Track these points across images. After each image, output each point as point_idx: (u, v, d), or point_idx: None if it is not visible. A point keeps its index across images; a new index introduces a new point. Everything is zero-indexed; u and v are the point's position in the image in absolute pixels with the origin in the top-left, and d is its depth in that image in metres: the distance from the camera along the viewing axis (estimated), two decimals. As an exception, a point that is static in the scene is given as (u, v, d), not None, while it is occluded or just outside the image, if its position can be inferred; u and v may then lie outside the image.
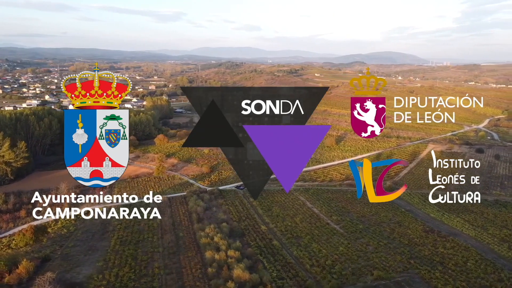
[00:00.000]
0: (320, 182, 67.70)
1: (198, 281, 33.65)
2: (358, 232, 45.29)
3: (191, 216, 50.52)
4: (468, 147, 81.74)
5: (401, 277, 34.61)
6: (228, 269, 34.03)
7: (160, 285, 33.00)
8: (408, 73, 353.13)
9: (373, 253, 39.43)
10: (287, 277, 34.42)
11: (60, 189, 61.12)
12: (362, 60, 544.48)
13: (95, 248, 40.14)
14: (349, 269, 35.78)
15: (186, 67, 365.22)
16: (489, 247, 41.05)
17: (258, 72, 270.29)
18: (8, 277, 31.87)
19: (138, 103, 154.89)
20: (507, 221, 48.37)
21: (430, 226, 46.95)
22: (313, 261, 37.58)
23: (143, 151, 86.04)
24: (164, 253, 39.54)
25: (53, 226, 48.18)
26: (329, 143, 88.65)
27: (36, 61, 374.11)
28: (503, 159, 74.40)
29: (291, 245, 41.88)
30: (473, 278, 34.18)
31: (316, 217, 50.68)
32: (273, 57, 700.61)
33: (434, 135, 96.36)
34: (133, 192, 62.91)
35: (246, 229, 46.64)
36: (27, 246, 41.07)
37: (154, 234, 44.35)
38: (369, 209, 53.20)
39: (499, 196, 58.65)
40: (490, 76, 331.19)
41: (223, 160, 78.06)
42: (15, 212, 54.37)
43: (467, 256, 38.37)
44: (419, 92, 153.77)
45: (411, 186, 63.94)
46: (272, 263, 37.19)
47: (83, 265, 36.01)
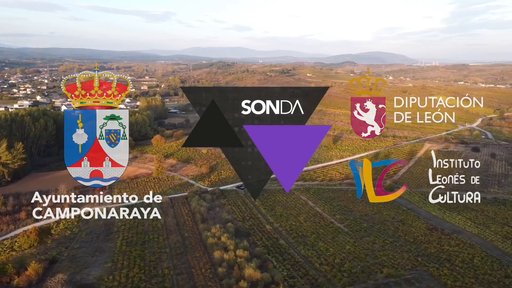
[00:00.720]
0: (320, 181, 68.00)
1: (209, 281, 33.57)
2: (363, 231, 45.59)
3: (195, 216, 50.38)
4: (464, 146, 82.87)
5: (410, 274, 34.95)
6: (239, 268, 34.00)
7: (172, 285, 32.86)
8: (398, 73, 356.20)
9: (380, 251, 39.73)
10: (298, 276, 34.53)
11: (60, 189, 60.53)
12: (352, 60, 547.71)
13: (101, 249, 39.79)
14: (358, 267, 36.02)
15: (177, 67, 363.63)
16: (493, 244, 41.66)
17: (250, 72, 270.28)
18: (17, 279, 31.45)
19: (131, 103, 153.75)
20: (507, 218, 49.11)
21: (433, 224, 47.46)
22: (321, 260, 37.74)
23: (140, 152, 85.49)
24: (172, 254, 39.37)
25: (55, 227, 47.74)
26: (327, 142, 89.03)
27: (25, 61, 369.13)
28: (499, 157, 75.52)
29: (298, 244, 41.99)
30: (481, 275, 34.66)
31: (320, 216, 50.89)
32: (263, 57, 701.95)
33: (429, 134, 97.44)
34: (133, 192, 62.56)
35: (251, 228, 46.65)
36: (32, 248, 40.54)
37: (160, 235, 44.14)
38: (371, 208, 53.59)
39: (497, 194, 59.53)
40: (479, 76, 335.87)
41: (222, 160, 77.99)
42: (14, 214, 53.63)
43: (473, 253, 38.89)
44: (412, 92, 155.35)
45: (411, 185, 64.57)
46: (281, 262, 37.26)
47: (92, 266, 35.68)
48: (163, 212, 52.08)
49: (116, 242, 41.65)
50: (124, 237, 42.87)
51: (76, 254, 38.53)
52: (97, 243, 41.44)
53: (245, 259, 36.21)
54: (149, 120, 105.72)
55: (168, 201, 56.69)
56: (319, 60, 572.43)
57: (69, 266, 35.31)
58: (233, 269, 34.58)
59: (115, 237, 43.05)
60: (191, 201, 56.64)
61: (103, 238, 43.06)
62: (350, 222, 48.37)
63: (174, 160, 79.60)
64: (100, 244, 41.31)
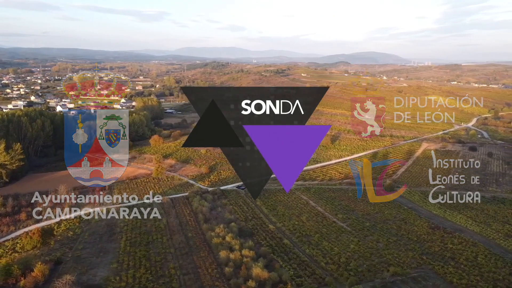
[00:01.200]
0: (319, 181, 68.17)
1: (216, 280, 33.53)
2: (365, 230, 45.80)
3: (198, 217, 50.26)
4: (461, 146, 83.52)
5: (416, 272, 35.19)
6: (246, 268, 33.99)
7: (179, 285, 32.75)
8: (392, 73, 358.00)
9: (384, 250, 39.94)
10: (305, 275, 34.59)
11: (59, 190, 60.06)
12: (346, 60, 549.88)
13: (105, 250, 39.57)
14: (364, 266, 36.18)
15: (171, 67, 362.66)
16: (495, 242, 42.10)
17: (245, 72, 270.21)
18: (23, 281, 31.16)
19: (127, 104, 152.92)
20: (507, 217, 49.66)
21: (435, 223, 47.82)
22: (327, 259, 37.85)
23: (138, 152, 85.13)
24: (176, 254, 39.24)
25: (56, 228, 47.39)
26: (325, 142, 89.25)
27: (17, 61, 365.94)
28: (496, 156, 76.27)
29: (302, 243, 42.06)
30: (486, 273, 35.00)
31: (322, 215, 51.02)
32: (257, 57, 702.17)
33: (426, 134, 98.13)
34: (133, 193, 62.17)
35: (255, 228, 46.65)
36: (35, 249, 40.23)
37: (163, 235, 43.99)
38: (373, 207, 53.88)
39: (495, 193, 60.12)
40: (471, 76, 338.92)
41: (221, 160, 77.87)
42: (14, 215, 53.15)
43: (476, 251, 39.25)
44: (408, 91, 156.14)
45: (410, 184, 65.01)
46: (287, 262, 37.30)
47: (97, 267, 35.46)
48: (165, 213, 51.92)
49: (119, 242, 41.44)
50: (127, 238, 42.67)
51: (81, 255, 38.25)
52: (101, 244, 41.20)
53: (251, 258, 36.24)
54: (146, 120, 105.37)
55: (169, 202, 56.51)
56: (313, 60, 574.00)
57: (74, 267, 35.04)
58: (239, 269, 34.58)
59: (119, 237, 42.85)
60: (193, 201, 56.51)
61: (106, 238, 42.82)
62: (353, 221, 48.58)
63: (173, 161, 79.32)
64: (104, 244, 41.08)
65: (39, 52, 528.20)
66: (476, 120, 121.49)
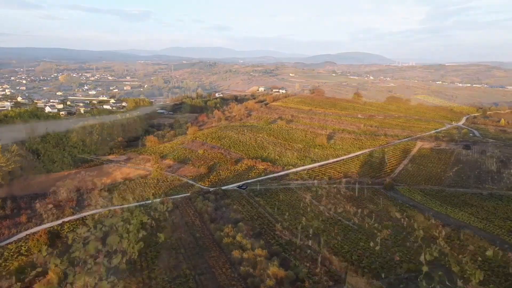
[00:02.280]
0: (319, 180, 68.47)
1: (232, 280, 33.43)
2: (372, 228, 46.22)
3: (203, 217, 50.07)
4: (455, 144, 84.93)
5: (429, 268, 35.61)
6: (262, 267, 33.98)
7: (196, 285, 32.57)
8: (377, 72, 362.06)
9: (393, 247, 40.41)
10: (320, 273, 34.74)
11: (59, 192, 59.19)
12: (331, 60, 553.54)
13: (115, 251, 38.98)
14: (377, 263, 36.55)
15: (158, 67, 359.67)
16: (499, 237, 42.96)
17: (233, 72, 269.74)
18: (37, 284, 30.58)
19: (117, 104, 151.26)
20: (508, 213, 50.69)
21: (439, 220, 48.54)
22: (339, 257, 38.10)
23: (134, 153, 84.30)
24: (187, 254, 39.03)
25: (60, 230, 46.73)
26: (320, 141, 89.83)
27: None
28: (489, 154, 77.72)
29: (311, 242, 42.19)
30: (496, 267, 35.71)
31: (326, 214, 51.30)
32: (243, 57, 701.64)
33: (418, 133, 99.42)
34: (134, 194, 61.60)
35: (262, 228, 46.67)
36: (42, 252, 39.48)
37: (171, 236, 43.66)
38: (376, 206, 54.50)
39: (492, 189, 61.31)
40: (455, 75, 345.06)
41: (219, 161, 77.57)
42: (15, 218, 52.20)
43: (484, 247, 39.96)
44: (397, 91, 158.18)
45: (409, 182, 65.85)
46: (300, 260, 37.40)
47: (112, 269, 34.94)
48: (169, 213, 51.50)
49: (129, 243, 40.89)
50: (135, 239, 42.13)
51: (92, 257, 37.63)
52: (110, 246, 40.59)
53: (265, 257, 36.23)
54: (140, 121, 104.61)
55: (171, 202, 56.07)
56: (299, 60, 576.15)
57: (88, 269, 34.45)
58: (254, 268, 34.51)
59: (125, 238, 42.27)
60: (196, 201, 56.25)
61: (113, 240, 42.20)
62: (358, 220, 48.99)
63: (171, 161, 78.70)
64: (113, 246, 40.48)
65: (22, 52, 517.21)
66: (465, 119, 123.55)
